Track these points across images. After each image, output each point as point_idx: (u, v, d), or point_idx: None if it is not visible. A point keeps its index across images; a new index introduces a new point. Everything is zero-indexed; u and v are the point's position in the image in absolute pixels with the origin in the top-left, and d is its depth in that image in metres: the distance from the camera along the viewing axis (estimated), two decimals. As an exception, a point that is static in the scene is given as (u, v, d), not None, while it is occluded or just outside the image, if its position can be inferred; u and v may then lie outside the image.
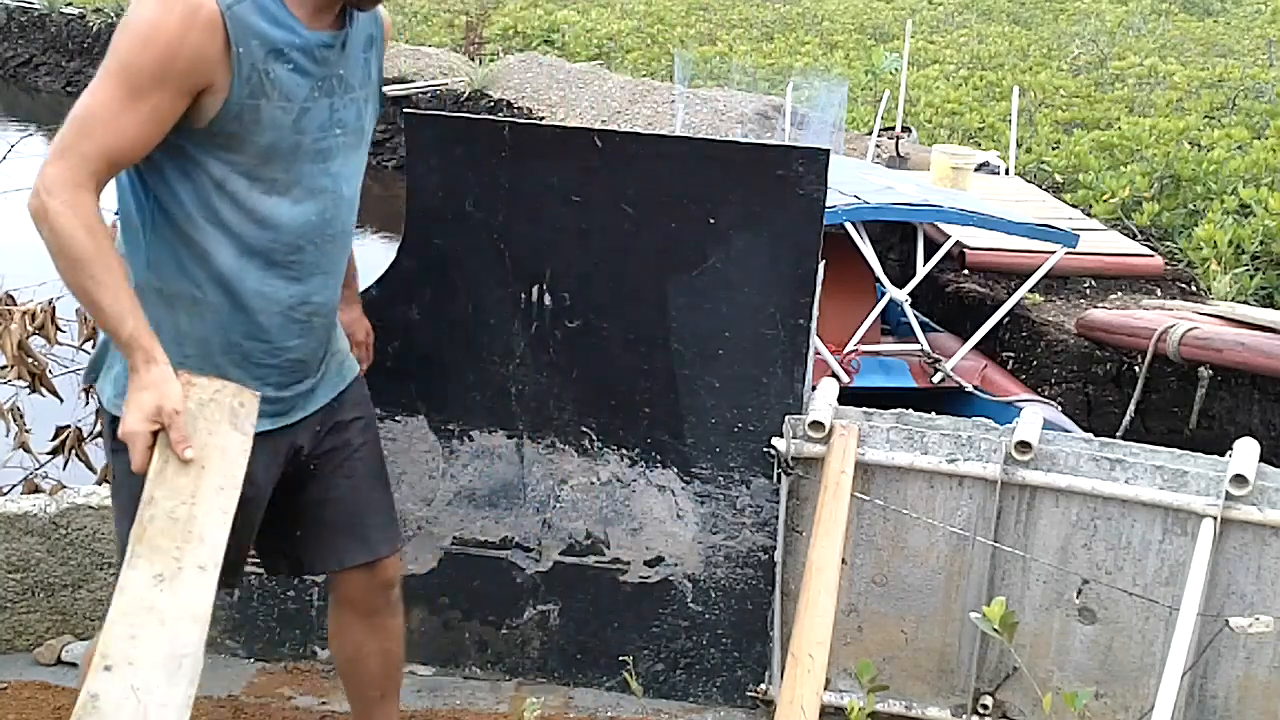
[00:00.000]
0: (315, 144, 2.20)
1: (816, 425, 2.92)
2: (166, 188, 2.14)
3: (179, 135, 2.08)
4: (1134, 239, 8.56)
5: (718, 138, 3.20)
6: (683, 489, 3.01)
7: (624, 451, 2.99)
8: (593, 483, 3.02)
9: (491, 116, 2.82)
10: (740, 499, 3.01)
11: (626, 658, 3.09)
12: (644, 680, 3.10)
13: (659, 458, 2.99)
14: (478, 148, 2.77)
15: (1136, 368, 6.75)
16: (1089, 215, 8.89)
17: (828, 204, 7.08)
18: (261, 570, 2.87)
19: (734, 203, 2.83)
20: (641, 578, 3.07)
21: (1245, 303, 7.47)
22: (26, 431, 3.87)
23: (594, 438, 2.99)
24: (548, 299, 2.87)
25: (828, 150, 2.86)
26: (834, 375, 4.36)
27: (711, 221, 2.84)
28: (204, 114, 2.07)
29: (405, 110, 2.63)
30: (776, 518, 2.99)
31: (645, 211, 2.83)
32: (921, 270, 6.78)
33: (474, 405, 2.98)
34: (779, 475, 3.00)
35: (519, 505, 3.04)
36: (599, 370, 2.94)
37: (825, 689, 2.67)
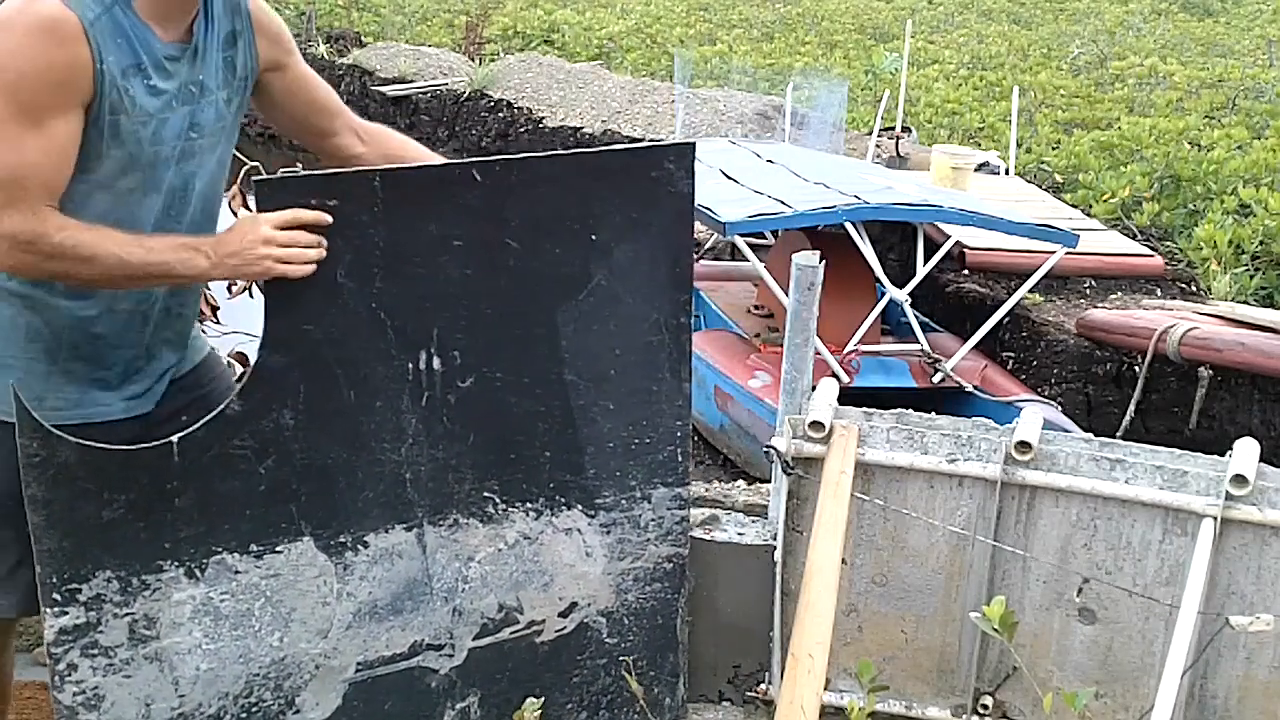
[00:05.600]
0: (172, 151, 2.25)
1: (816, 425, 2.92)
2: None
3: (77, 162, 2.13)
4: (1134, 239, 8.57)
5: (593, 149, 2.88)
6: (588, 525, 2.79)
7: (528, 505, 2.73)
8: (500, 550, 2.69)
9: (357, 168, 2.46)
10: (643, 516, 2.84)
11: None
12: None
13: (563, 500, 2.74)
14: (346, 207, 2.36)
15: (1136, 368, 6.76)
16: (1089, 215, 8.90)
17: (827, 204, 7.12)
18: None
19: (614, 213, 2.65)
20: (557, 632, 2.82)
21: (1245, 303, 7.48)
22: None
23: (497, 501, 2.70)
24: (437, 363, 2.55)
25: (694, 144, 2.75)
26: (834, 375, 4.36)
27: (594, 238, 2.63)
28: None
29: (255, 179, 2.29)
30: (679, 524, 2.88)
31: (530, 242, 2.57)
32: (921, 270, 6.79)
33: (366, 506, 2.57)
34: (778, 475, 3.01)
35: (426, 601, 2.68)
36: (497, 427, 2.65)
37: (825, 689, 2.67)
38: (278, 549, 2.49)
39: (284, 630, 2.52)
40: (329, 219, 2.29)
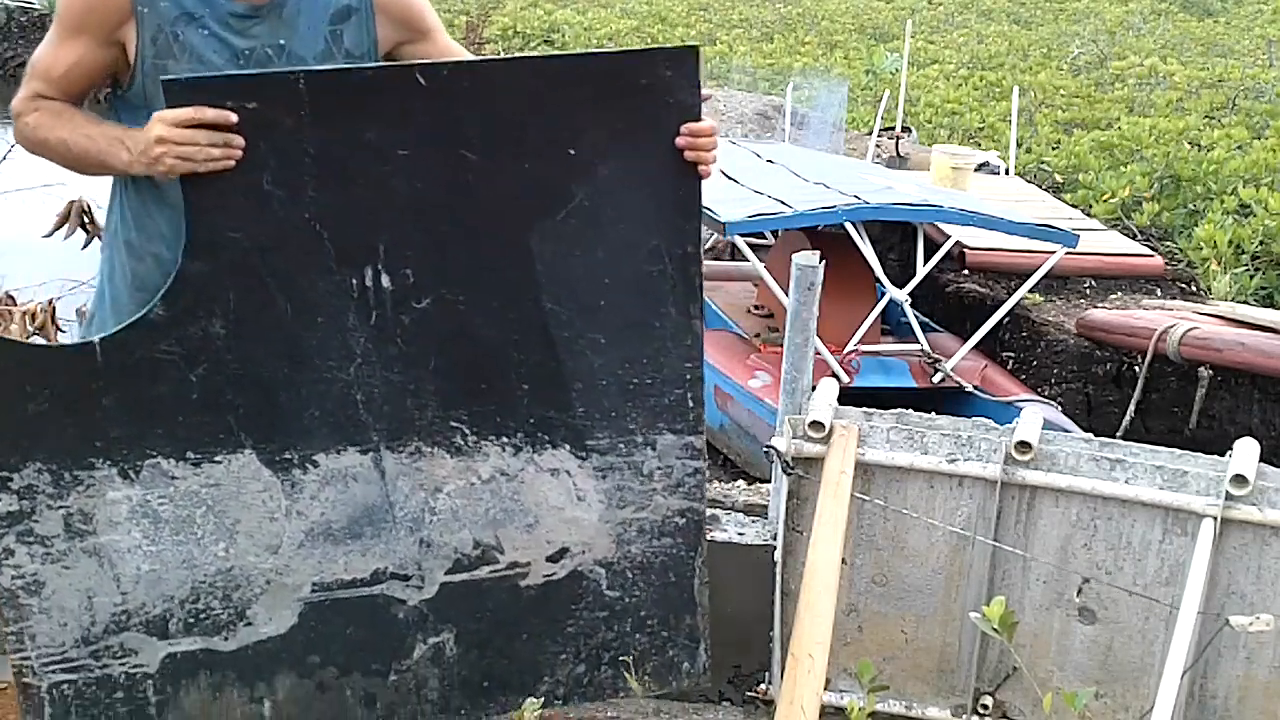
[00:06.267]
0: None
1: (816, 425, 2.92)
2: None
3: (128, 96, 2.34)
4: (1134, 239, 8.58)
5: (566, 53, 2.53)
6: (579, 467, 2.61)
7: (505, 440, 2.56)
8: (473, 484, 2.58)
9: (280, 69, 2.35)
10: (646, 463, 2.64)
11: (543, 671, 2.70)
12: (565, 686, 2.73)
13: (546, 438, 2.58)
14: (267, 110, 2.24)
15: (1136, 368, 6.76)
16: (1089, 215, 8.90)
17: (827, 204, 7.13)
18: (76, 677, 2.48)
19: (595, 126, 2.43)
20: (546, 577, 2.67)
21: (1245, 303, 7.48)
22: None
23: (466, 432, 2.54)
24: (385, 280, 2.40)
25: (696, 48, 2.51)
26: (834, 375, 4.36)
27: (572, 152, 2.42)
28: (126, 72, 2.32)
29: (163, 79, 2.18)
30: (692, 476, 2.70)
31: (490, 154, 2.39)
32: (921, 270, 6.79)
33: (313, 424, 2.46)
34: (778, 475, 3.01)
35: (388, 529, 2.57)
36: (462, 353, 2.49)
37: (825, 689, 2.67)
38: (216, 459, 2.44)
39: (229, 541, 2.49)
40: (233, 118, 2.20)
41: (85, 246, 4.02)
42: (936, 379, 6.62)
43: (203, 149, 2.18)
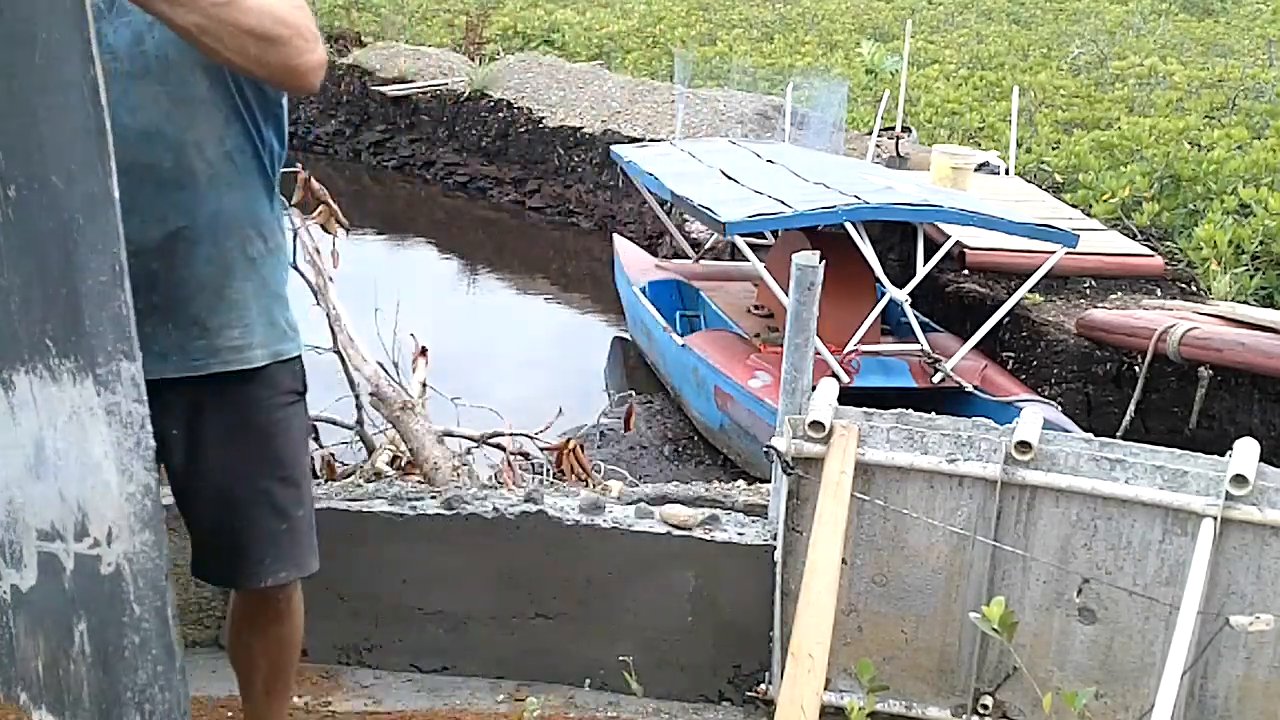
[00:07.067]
0: None
1: (816, 425, 2.92)
2: None
3: None
4: (1134, 239, 8.58)
5: None
6: (97, 399, 2.03)
7: (65, 364, 2.04)
8: (68, 421, 2.08)
9: None
10: (115, 397, 2.02)
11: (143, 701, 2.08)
12: None
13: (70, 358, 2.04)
14: None
15: (1136, 368, 6.76)
16: (1089, 215, 8.90)
17: (827, 204, 7.13)
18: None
19: None
20: (108, 565, 2.13)
21: (1245, 303, 7.48)
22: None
23: (51, 350, 2.01)
24: None
25: None
26: (834, 375, 4.36)
27: None
28: None
29: None
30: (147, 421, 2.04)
31: None
32: (921, 270, 6.79)
33: None
34: (778, 475, 3.01)
35: (45, 476, 2.13)
36: (27, 244, 1.96)
37: (825, 689, 2.67)
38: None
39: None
40: None
41: None
42: (936, 379, 6.63)
43: None
